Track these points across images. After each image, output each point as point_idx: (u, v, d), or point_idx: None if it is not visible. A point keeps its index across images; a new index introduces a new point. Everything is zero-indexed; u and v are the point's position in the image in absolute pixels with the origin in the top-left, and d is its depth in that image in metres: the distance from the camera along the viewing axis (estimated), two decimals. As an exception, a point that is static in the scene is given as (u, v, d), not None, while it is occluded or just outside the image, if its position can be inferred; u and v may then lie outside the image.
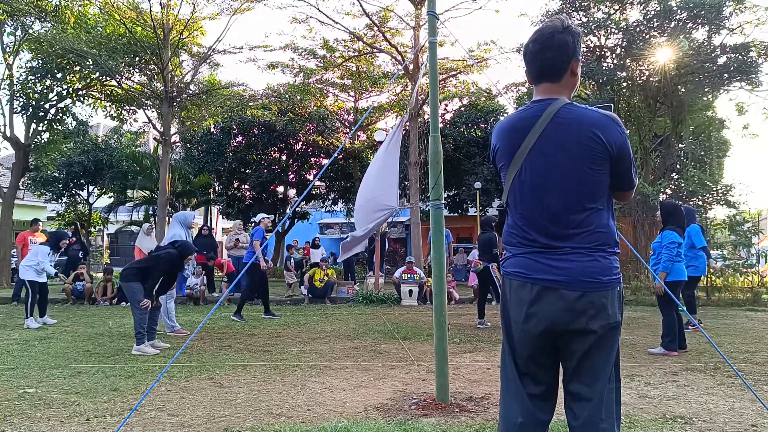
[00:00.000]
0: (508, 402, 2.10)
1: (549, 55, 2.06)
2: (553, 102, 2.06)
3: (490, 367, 5.65)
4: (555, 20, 2.10)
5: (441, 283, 4.37)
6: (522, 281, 2.03)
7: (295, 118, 20.88)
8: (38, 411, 4.03)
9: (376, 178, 4.83)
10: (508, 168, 2.10)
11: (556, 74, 2.09)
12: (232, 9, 16.28)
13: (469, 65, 16.61)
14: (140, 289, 6.40)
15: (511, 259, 2.11)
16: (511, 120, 2.16)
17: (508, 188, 2.12)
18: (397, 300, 11.96)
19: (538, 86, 2.13)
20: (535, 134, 2.03)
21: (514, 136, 2.08)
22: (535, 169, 2.03)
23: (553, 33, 2.06)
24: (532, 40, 2.12)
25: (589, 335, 1.96)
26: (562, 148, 2.00)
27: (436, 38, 4.49)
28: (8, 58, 16.65)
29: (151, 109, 18.41)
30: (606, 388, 2.00)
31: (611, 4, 15.05)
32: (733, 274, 12.84)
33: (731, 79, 14.34)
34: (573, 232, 1.99)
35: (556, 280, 1.96)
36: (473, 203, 19.89)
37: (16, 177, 17.13)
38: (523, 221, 2.07)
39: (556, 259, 1.98)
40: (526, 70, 2.19)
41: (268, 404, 4.24)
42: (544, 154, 2.02)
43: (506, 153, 2.11)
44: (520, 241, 2.08)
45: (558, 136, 2.01)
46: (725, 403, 4.31)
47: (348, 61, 18.79)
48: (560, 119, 2.02)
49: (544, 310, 1.98)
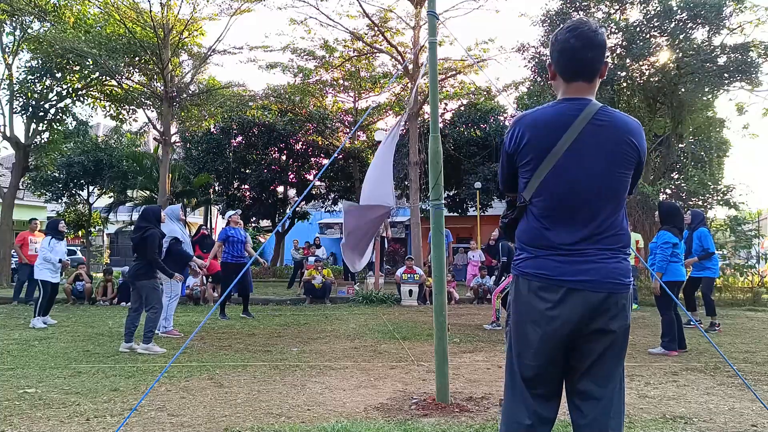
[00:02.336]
0: (515, 405, 2.06)
1: (590, 54, 2.01)
2: (589, 103, 2.03)
3: (490, 367, 5.65)
4: (586, 19, 2.10)
5: (441, 283, 4.37)
6: (545, 283, 1.98)
7: (295, 118, 20.90)
8: (38, 411, 4.03)
9: (373, 179, 4.82)
10: (538, 164, 2.00)
11: (593, 74, 2.05)
12: (231, 9, 16.29)
13: (469, 65, 16.62)
14: (155, 286, 6.53)
15: (531, 260, 2.04)
16: (544, 115, 2.04)
17: (535, 185, 2.02)
18: (397, 300, 11.96)
19: (570, 84, 2.07)
20: (573, 134, 1.97)
21: (550, 133, 2.00)
22: (570, 170, 1.98)
23: (596, 31, 2.01)
24: (573, 35, 2.02)
25: (608, 335, 1.99)
26: (600, 151, 1.98)
27: (436, 38, 4.49)
28: (8, 58, 16.66)
29: (151, 109, 18.43)
30: (616, 388, 2.03)
31: (611, 4, 15.04)
32: (734, 275, 12.85)
33: (731, 79, 14.33)
34: (601, 235, 1.99)
35: (583, 281, 1.95)
36: (473, 203, 19.90)
37: (16, 177, 17.14)
38: (549, 221, 2.01)
39: (582, 261, 1.97)
40: (555, 65, 2.09)
41: (268, 404, 4.24)
42: (581, 155, 1.98)
43: (537, 149, 2.01)
44: (542, 242, 2.02)
45: (596, 139, 1.98)
46: (725, 403, 4.31)
47: (348, 61, 18.79)
48: (599, 122, 2.00)
49: (570, 313, 1.96)
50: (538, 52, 15.27)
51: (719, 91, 15.00)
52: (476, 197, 18.40)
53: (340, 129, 21.99)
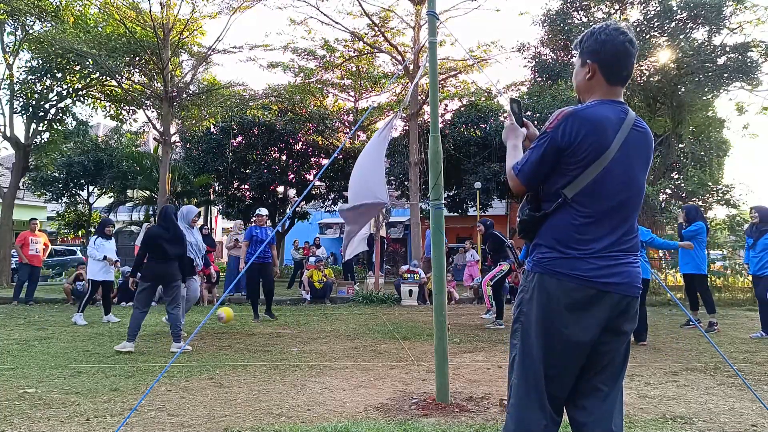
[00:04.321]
0: (529, 409, 2.00)
1: (633, 61, 2.07)
2: (628, 109, 2.07)
3: (490, 367, 5.65)
4: (627, 24, 2.15)
5: (441, 283, 4.37)
6: (578, 284, 1.95)
7: (295, 118, 20.88)
8: (38, 411, 4.03)
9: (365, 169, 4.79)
10: (591, 163, 1.95)
11: (628, 81, 2.12)
12: (231, 8, 16.28)
13: (469, 65, 16.61)
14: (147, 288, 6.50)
15: (563, 260, 1.98)
16: (597, 113, 1.99)
17: (582, 184, 1.97)
18: (397, 300, 11.96)
19: (612, 89, 2.07)
20: (622, 137, 1.99)
21: (604, 133, 1.97)
22: (617, 173, 1.98)
23: (635, 40, 2.06)
24: (627, 40, 2.02)
25: (623, 336, 2.05)
26: (639, 158, 2.04)
27: (436, 38, 4.49)
28: (8, 58, 16.67)
29: (150, 109, 18.41)
30: (620, 386, 2.09)
31: (611, 4, 15.05)
32: (734, 275, 12.84)
33: (731, 79, 14.34)
34: (628, 238, 2.03)
35: (615, 284, 1.97)
36: (473, 203, 19.89)
37: (16, 177, 17.14)
38: (589, 221, 1.97)
39: (615, 264, 1.97)
40: (601, 66, 2.05)
41: (268, 404, 4.23)
42: (629, 159, 2.00)
43: (593, 146, 1.95)
44: (579, 242, 1.97)
45: (637, 145, 2.03)
46: (725, 403, 4.31)
47: (348, 61, 18.80)
48: (639, 128, 2.05)
49: (600, 314, 1.96)
50: (538, 52, 15.28)
51: (719, 91, 15.01)
52: (476, 197, 18.39)
53: (340, 129, 21.98)
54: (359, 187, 4.66)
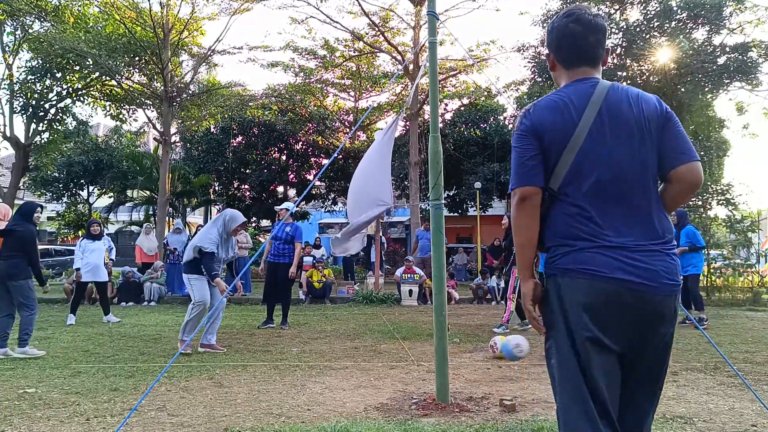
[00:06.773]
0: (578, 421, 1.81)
1: (592, 38, 1.94)
2: (599, 81, 1.94)
3: (490, 367, 5.65)
4: (585, 5, 2.01)
5: (441, 283, 4.37)
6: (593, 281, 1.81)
7: (295, 118, 20.90)
8: (38, 411, 4.03)
9: (369, 174, 4.80)
10: (562, 150, 1.86)
11: (596, 59, 1.97)
12: (231, 9, 16.30)
13: (469, 65, 16.62)
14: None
15: (571, 254, 1.85)
16: (554, 100, 1.92)
17: (563, 173, 1.86)
18: (397, 300, 11.96)
19: (575, 70, 1.97)
20: (592, 112, 1.86)
21: (567, 116, 1.87)
22: (597, 152, 1.84)
23: (596, 16, 1.95)
24: (572, 20, 1.95)
25: (657, 339, 1.98)
26: (620, 126, 1.86)
27: (436, 38, 4.48)
28: (8, 58, 16.69)
29: (151, 109, 18.44)
30: (658, 398, 2.01)
31: (611, 4, 15.04)
32: (733, 275, 12.84)
33: (731, 79, 14.34)
34: (644, 221, 1.87)
35: (631, 281, 1.81)
36: (473, 203, 19.90)
37: (16, 177, 17.16)
38: (584, 209, 1.85)
39: (632, 257, 1.82)
40: (555, 53, 2.01)
41: (268, 404, 4.23)
42: (604, 135, 1.85)
43: (555, 134, 1.87)
44: (582, 233, 1.85)
45: (617, 114, 1.87)
46: (725, 403, 4.31)
47: (348, 60, 18.81)
48: (615, 94, 1.90)
49: (624, 316, 1.83)
50: (538, 52, 15.28)
51: (719, 91, 15.02)
52: (476, 197, 18.39)
53: (340, 129, 21.99)
54: (362, 197, 4.66)
